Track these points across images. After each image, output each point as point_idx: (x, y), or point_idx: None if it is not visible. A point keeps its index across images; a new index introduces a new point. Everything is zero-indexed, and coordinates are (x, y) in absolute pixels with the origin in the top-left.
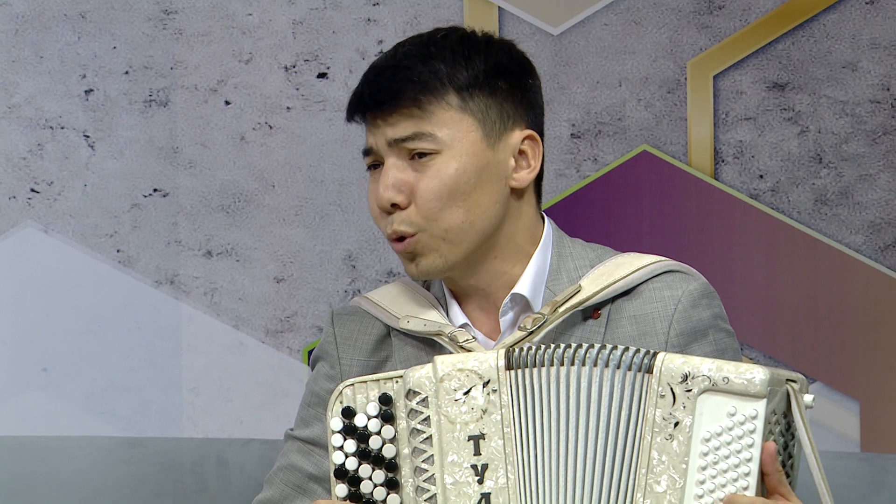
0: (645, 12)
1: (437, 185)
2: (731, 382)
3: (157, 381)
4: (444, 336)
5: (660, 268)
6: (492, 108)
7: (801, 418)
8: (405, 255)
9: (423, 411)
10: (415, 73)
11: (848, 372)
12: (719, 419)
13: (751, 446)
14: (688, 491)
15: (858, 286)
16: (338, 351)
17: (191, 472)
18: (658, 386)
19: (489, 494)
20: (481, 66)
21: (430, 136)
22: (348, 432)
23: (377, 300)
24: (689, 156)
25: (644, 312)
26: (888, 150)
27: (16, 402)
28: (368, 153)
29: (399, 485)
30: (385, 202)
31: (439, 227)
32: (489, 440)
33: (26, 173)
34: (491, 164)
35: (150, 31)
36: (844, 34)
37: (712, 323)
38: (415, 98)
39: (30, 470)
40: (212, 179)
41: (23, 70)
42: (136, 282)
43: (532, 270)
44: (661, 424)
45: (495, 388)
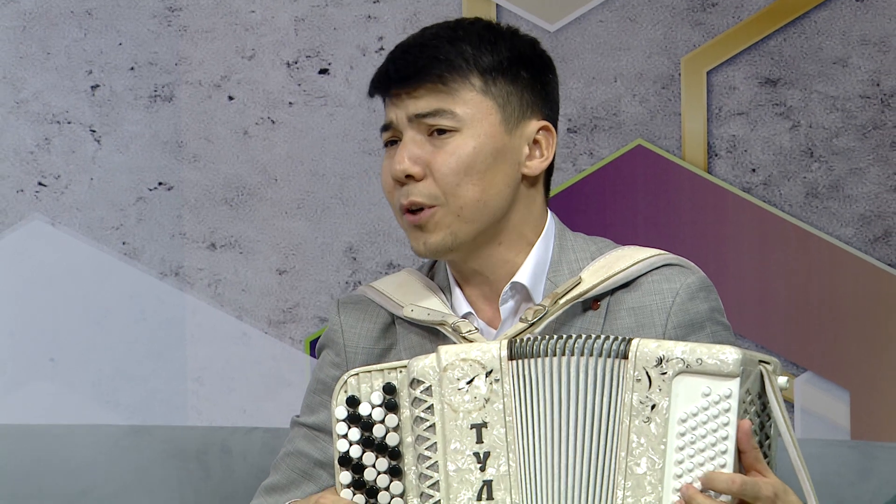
0: (640, 9)
1: (454, 161)
2: (705, 363)
3: (162, 370)
4: (447, 326)
5: (659, 261)
6: (512, 94)
7: (776, 399)
8: (415, 228)
9: (427, 400)
10: (441, 52)
11: (838, 362)
12: (695, 400)
13: (726, 425)
14: (667, 471)
15: (849, 278)
16: (343, 339)
17: (195, 459)
18: (634, 371)
19: (491, 482)
20: (506, 52)
21: (451, 113)
22: (353, 421)
23: (382, 289)
24: (683, 150)
25: (643, 304)
26: (878, 145)
27: (24, 392)
28: (387, 128)
29: (402, 472)
30: (400, 173)
31: (456, 202)
32: (491, 428)
33: (34, 167)
34: (507, 148)
35: (154, 28)
36: (835, 31)
37: (709, 316)
38: (440, 75)
39: (38, 457)
40: (215, 173)
41: (30, 66)
42: (141, 274)
43: (533, 260)
44: (639, 408)
45: (497, 377)
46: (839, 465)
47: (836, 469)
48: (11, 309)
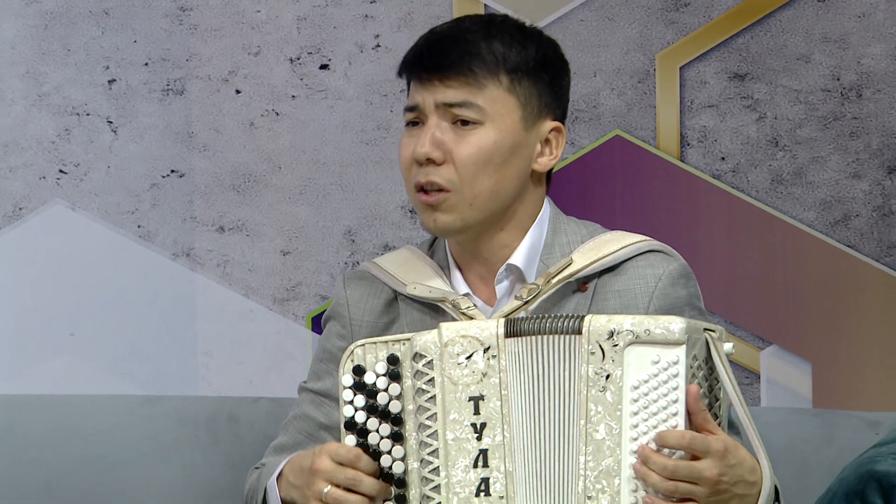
0: (617, 9)
1: (475, 152)
2: (653, 333)
3: (175, 345)
4: (447, 302)
5: (644, 247)
6: (533, 95)
7: (722, 363)
8: (428, 207)
9: (429, 373)
10: (475, 47)
11: (801, 336)
12: (645, 368)
13: (676, 389)
14: (624, 435)
15: (811, 258)
16: (349, 312)
17: (205, 427)
18: (588, 344)
19: (486, 451)
20: (532, 54)
21: (477, 107)
22: (358, 388)
23: (385, 266)
24: (658, 140)
25: (627, 288)
26: (838, 135)
27: (46, 365)
28: (412, 109)
29: (403, 438)
30: (422, 156)
31: (471, 191)
32: (488, 401)
33: (55, 156)
34: (523, 144)
35: (167, 27)
36: (798, 29)
37: (688, 301)
38: (472, 70)
39: (59, 426)
40: (224, 161)
41: (52, 62)
42: (155, 255)
43: (528, 244)
44: (594, 378)
45: (495, 353)
46: (803, 431)
47: (800, 435)
48: (34, 287)
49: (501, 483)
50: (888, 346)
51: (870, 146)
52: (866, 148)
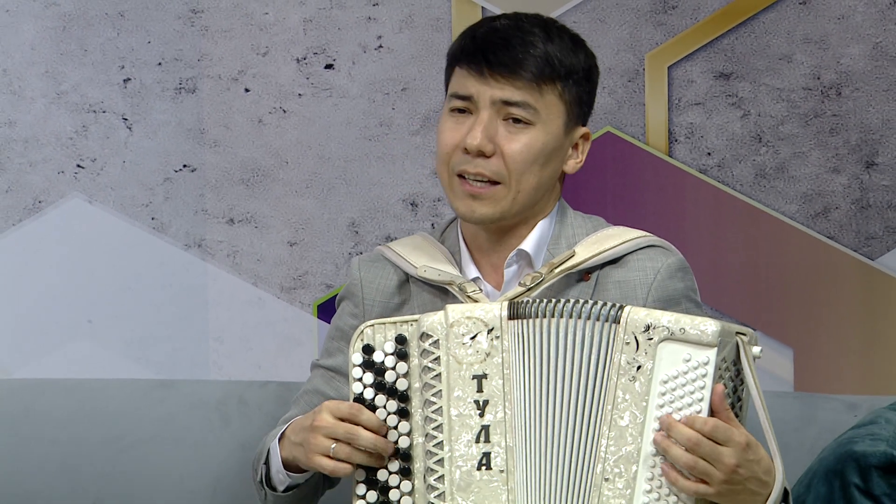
0: (608, 11)
1: (525, 151)
2: (687, 333)
3: (187, 331)
4: (454, 286)
5: (644, 242)
6: (576, 102)
7: (749, 366)
8: (469, 195)
9: (435, 352)
10: (540, 52)
11: (783, 323)
12: (676, 364)
13: (703, 388)
14: (647, 425)
15: (793, 249)
16: (362, 292)
17: (216, 410)
18: (624, 334)
19: (488, 427)
20: (582, 63)
21: (534, 109)
22: (367, 366)
23: (398, 250)
24: (647, 136)
25: (627, 279)
26: (818, 131)
27: (65, 350)
28: (464, 98)
29: (409, 414)
30: (475, 148)
31: (517, 186)
32: (491, 379)
33: (73, 151)
34: (562, 147)
35: (179, 28)
36: (781, 30)
37: (685, 294)
38: (536, 74)
39: (76, 407)
40: (234, 157)
41: (70, 62)
42: (168, 245)
43: (538, 233)
44: (626, 367)
45: (498, 335)
46: (784, 413)
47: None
48: (53, 276)
49: (502, 457)
50: (866, 332)
51: (849, 142)
52: (845, 144)
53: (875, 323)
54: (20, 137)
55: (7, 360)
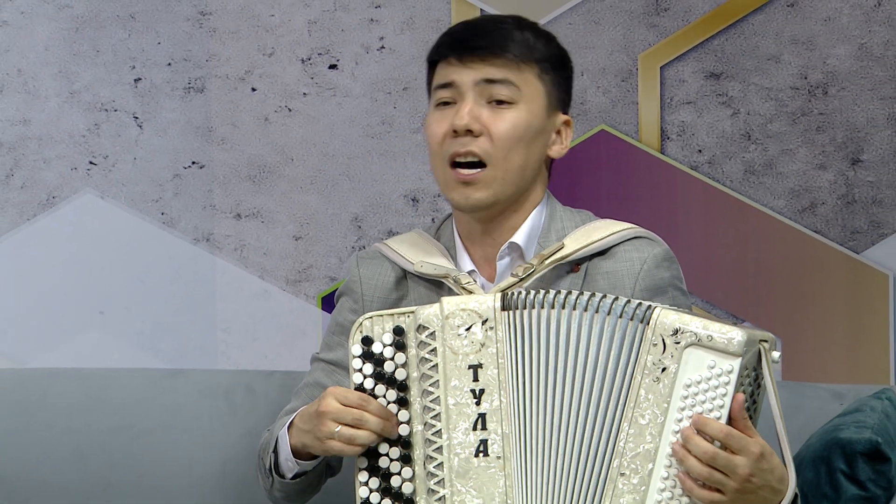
0: (603, 13)
1: (511, 128)
2: (714, 340)
3: (196, 322)
4: (449, 279)
5: (631, 233)
6: (554, 87)
7: (769, 372)
8: (462, 184)
9: (431, 343)
10: (513, 35)
11: (772, 314)
12: (700, 370)
13: (724, 395)
14: (667, 426)
15: (780, 242)
16: (361, 288)
17: (223, 398)
18: (652, 335)
19: (485, 415)
20: (555, 51)
21: (515, 86)
22: (366, 357)
23: (395, 247)
24: (640, 134)
25: (615, 270)
26: (805, 129)
27: (78, 340)
28: (447, 86)
29: (408, 403)
30: (462, 126)
31: (504, 164)
32: (486, 369)
33: (85, 148)
34: (545, 129)
35: (188, 30)
36: (769, 32)
37: (671, 282)
38: (513, 52)
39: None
40: (241, 154)
41: (82, 62)
42: (177, 239)
43: (528, 226)
44: (651, 368)
45: (492, 325)
46: None
47: None
48: (66, 269)
49: (499, 444)
50: (851, 323)
51: (835, 139)
52: (831, 141)
53: (860, 314)
54: (34, 135)
55: (21, 351)
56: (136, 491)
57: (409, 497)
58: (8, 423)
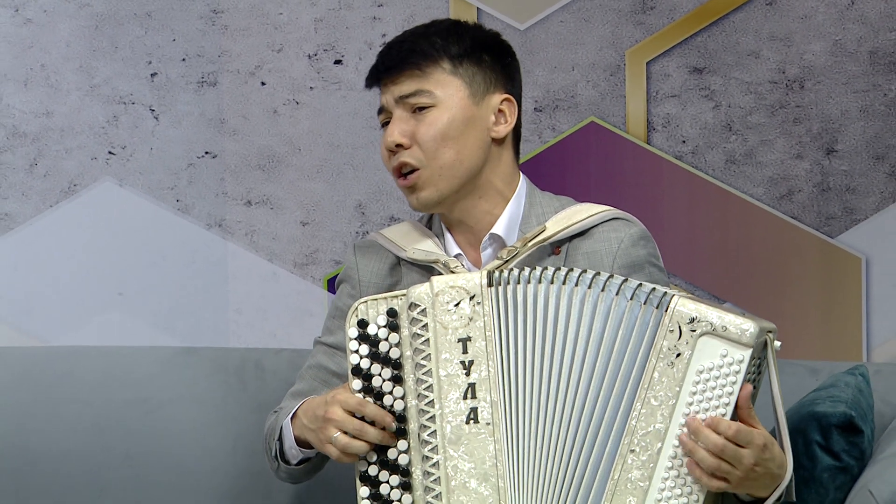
0: (592, 11)
1: (433, 130)
2: (729, 331)
3: (209, 303)
4: (439, 263)
5: (608, 215)
6: (477, 74)
7: (773, 362)
8: (408, 189)
9: (422, 319)
10: (417, 45)
11: (751, 294)
12: (713, 357)
13: (734, 384)
14: (677, 409)
15: (760, 228)
16: (358, 275)
17: (235, 375)
18: (669, 322)
19: (474, 384)
20: (469, 42)
21: (427, 92)
22: (362, 339)
23: (389, 236)
24: (628, 125)
25: (594, 250)
26: (783, 121)
27: (98, 320)
28: (381, 111)
29: (403, 379)
30: (391, 143)
31: (436, 163)
32: (474, 341)
33: (105, 139)
34: (475, 117)
35: (202, 27)
36: (749, 29)
37: (647, 259)
38: (416, 63)
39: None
40: (251, 144)
41: (102, 57)
42: (191, 225)
43: (507, 215)
44: (666, 353)
45: (479, 301)
46: None
47: None
48: (87, 253)
49: (488, 411)
50: (826, 303)
51: (811, 131)
52: (808, 132)
53: (834, 295)
54: (57, 127)
55: (45, 330)
56: (153, 461)
57: (405, 468)
58: (33, 397)
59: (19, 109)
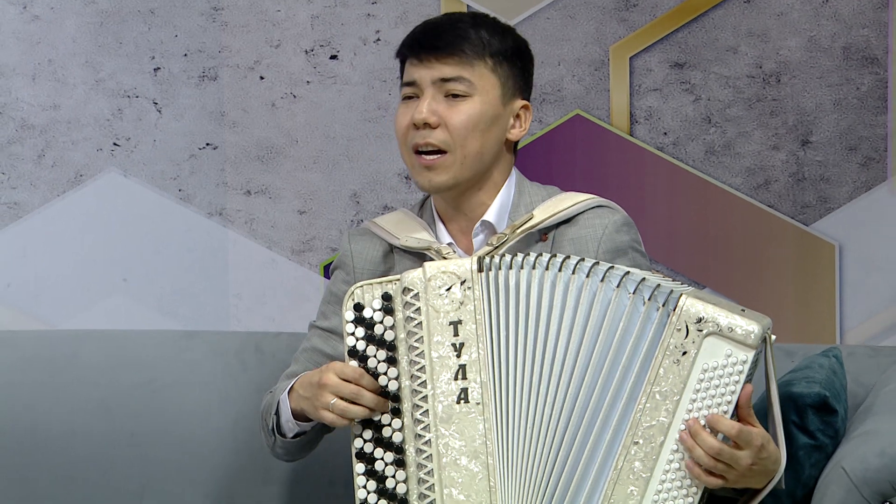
0: (577, 9)
1: (466, 118)
2: (735, 332)
3: (210, 288)
4: (432, 250)
5: (593, 203)
6: (510, 77)
7: (770, 356)
8: (425, 168)
9: (415, 303)
10: (466, 33)
11: (729, 280)
12: (717, 357)
13: (737, 383)
14: (681, 405)
15: (738, 216)
16: (353, 262)
17: (235, 357)
18: (677, 320)
19: (465, 365)
20: (510, 43)
21: (468, 81)
22: (358, 322)
23: (382, 224)
24: (612, 118)
25: (580, 236)
26: (760, 114)
27: (103, 304)
28: (410, 84)
29: (397, 360)
30: (421, 120)
31: (462, 151)
32: (465, 324)
33: (110, 131)
34: (501, 116)
35: (203, 23)
36: (728, 25)
37: (630, 245)
38: (464, 51)
39: (114, 355)
40: (250, 136)
41: (107, 53)
42: (193, 214)
43: (498, 203)
44: (673, 350)
45: (470, 285)
46: None
47: None
48: (93, 240)
49: (478, 392)
50: (801, 288)
51: (786, 123)
52: (784, 124)
53: (809, 280)
54: (64, 119)
55: (53, 314)
56: (157, 440)
57: (399, 445)
58: (42, 378)
59: (28, 103)
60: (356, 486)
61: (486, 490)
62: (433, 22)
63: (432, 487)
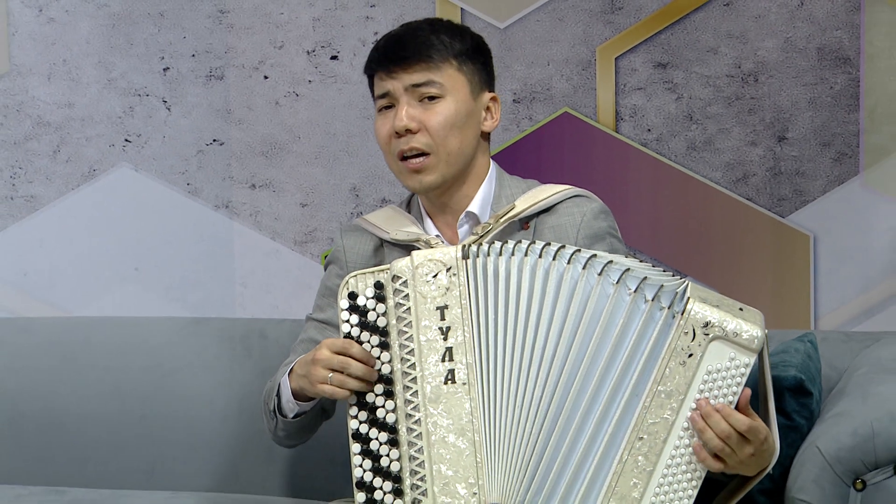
0: (565, 11)
1: (443, 119)
2: (740, 337)
3: (217, 277)
4: (420, 242)
5: (571, 192)
6: (475, 73)
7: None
8: (412, 171)
9: (404, 290)
10: (429, 40)
11: (709, 269)
12: (721, 360)
13: (738, 385)
14: (685, 404)
15: (718, 208)
16: (346, 257)
17: (240, 343)
18: (685, 324)
19: (451, 348)
20: (469, 42)
21: (438, 83)
22: (353, 310)
23: (373, 220)
24: (598, 115)
25: (560, 224)
26: (739, 111)
27: (116, 292)
28: (384, 96)
29: (389, 345)
30: (402, 128)
31: (445, 150)
32: (451, 309)
33: (121, 128)
34: (473, 111)
35: (210, 26)
36: (709, 27)
37: (608, 231)
38: (430, 56)
39: (125, 340)
40: (255, 133)
41: (118, 53)
42: (201, 206)
43: (481, 196)
44: (679, 352)
45: (455, 272)
46: None
47: None
48: (106, 232)
49: (464, 373)
50: (777, 277)
51: (764, 120)
52: (761, 121)
53: (785, 269)
54: (77, 116)
55: (68, 301)
56: (166, 422)
57: (392, 426)
58: (56, 363)
59: (43, 101)
60: (353, 466)
61: (472, 465)
62: (395, 34)
63: (423, 464)
